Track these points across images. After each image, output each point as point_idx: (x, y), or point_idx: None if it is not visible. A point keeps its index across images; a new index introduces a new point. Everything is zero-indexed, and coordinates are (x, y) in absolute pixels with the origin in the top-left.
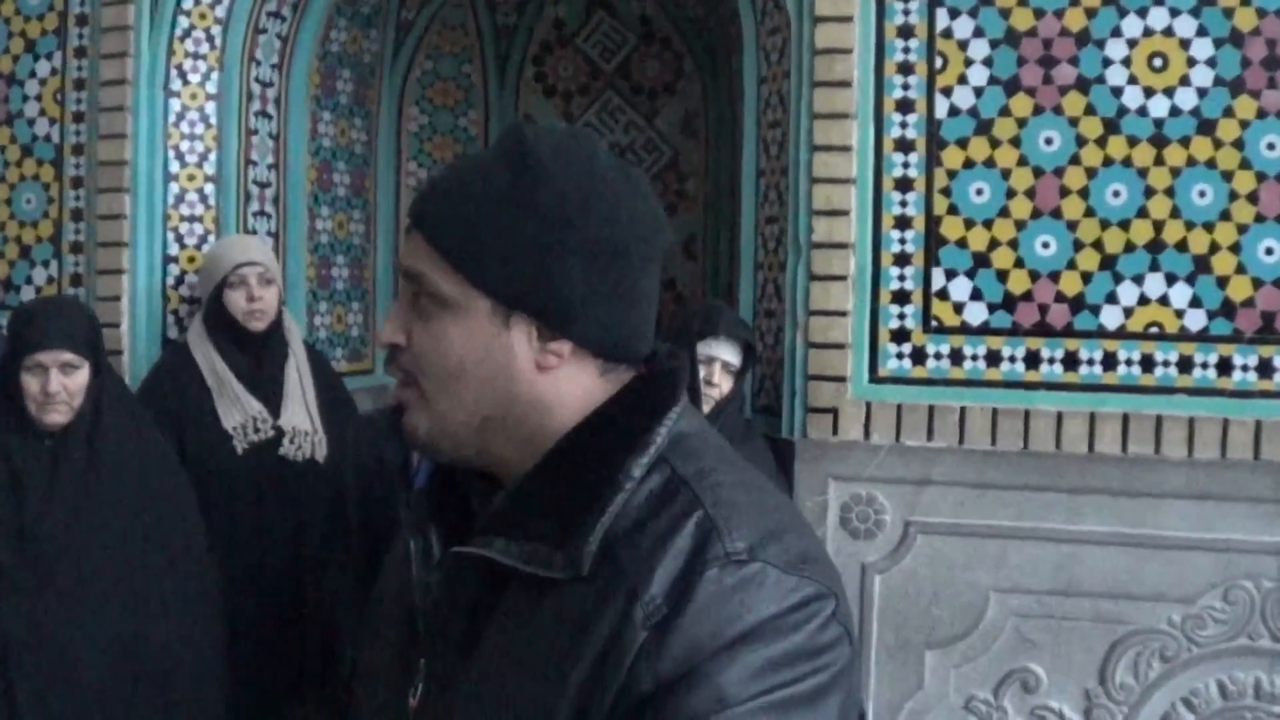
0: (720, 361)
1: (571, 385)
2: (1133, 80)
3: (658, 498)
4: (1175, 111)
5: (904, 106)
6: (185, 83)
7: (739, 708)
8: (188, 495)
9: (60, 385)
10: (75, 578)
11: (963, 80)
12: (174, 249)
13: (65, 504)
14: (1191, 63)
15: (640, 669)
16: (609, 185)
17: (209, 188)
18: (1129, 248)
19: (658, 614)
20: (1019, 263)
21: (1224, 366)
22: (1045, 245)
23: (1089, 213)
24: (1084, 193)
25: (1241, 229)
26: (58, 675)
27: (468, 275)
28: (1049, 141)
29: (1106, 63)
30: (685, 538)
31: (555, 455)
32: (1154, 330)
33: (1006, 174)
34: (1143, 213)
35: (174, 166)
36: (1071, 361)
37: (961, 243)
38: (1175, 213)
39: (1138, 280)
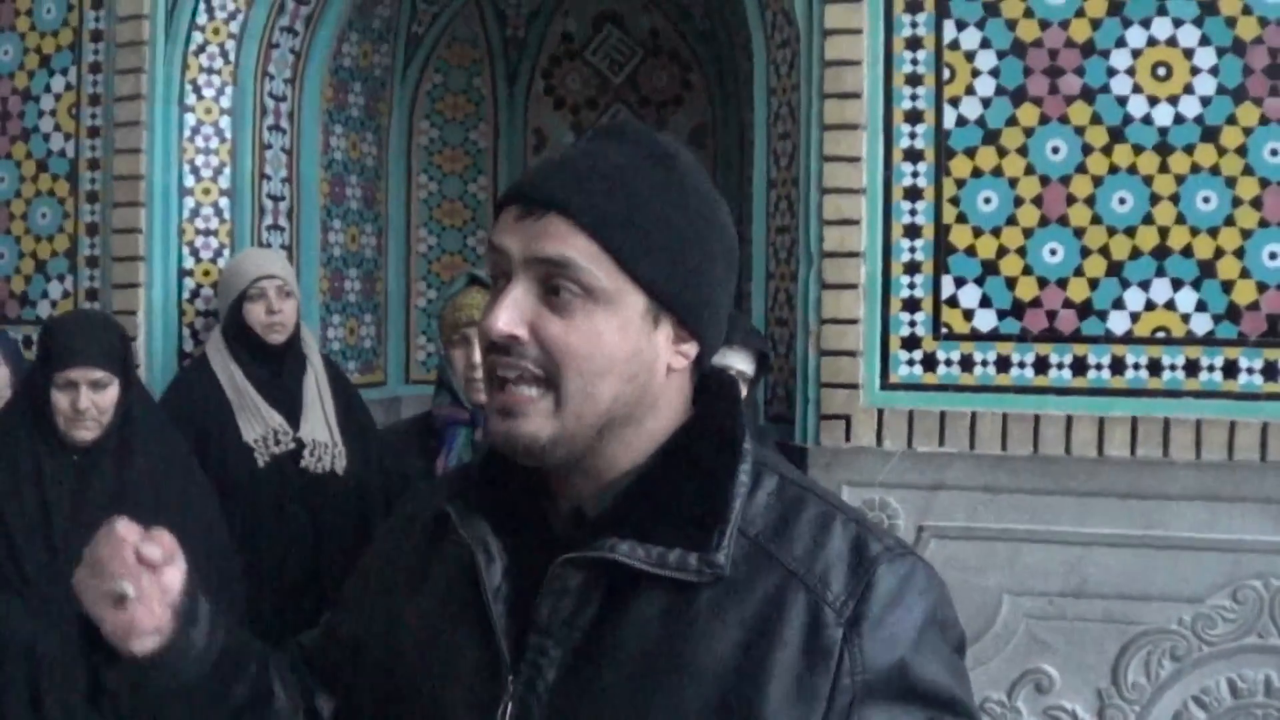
0: (734, 370)
1: (678, 388)
2: (1137, 89)
3: (781, 501)
4: (1179, 119)
5: (913, 117)
6: (200, 97)
7: (963, 702)
8: (214, 510)
9: (90, 402)
10: None
11: (970, 91)
12: (189, 263)
13: (93, 520)
14: (1195, 71)
15: (845, 664)
16: (718, 194)
17: (224, 202)
18: (1135, 254)
19: (847, 610)
20: (1027, 270)
21: (1230, 369)
22: (1053, 252)
23: (1095, 220)
24: (1090, 200)
25: (1246, 234)
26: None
27: (629, 269)
28: (1055, 150)
29: (1111, 72)
30: (839, 538)
31: (666, 458)
32: (1161, 335)
33: (1014, 183)
34: (1148, 219)
35: (189, 181)
36: (1080, 366)
37: (970, 250)
38: (1180, 219)
39: (1144, 286)
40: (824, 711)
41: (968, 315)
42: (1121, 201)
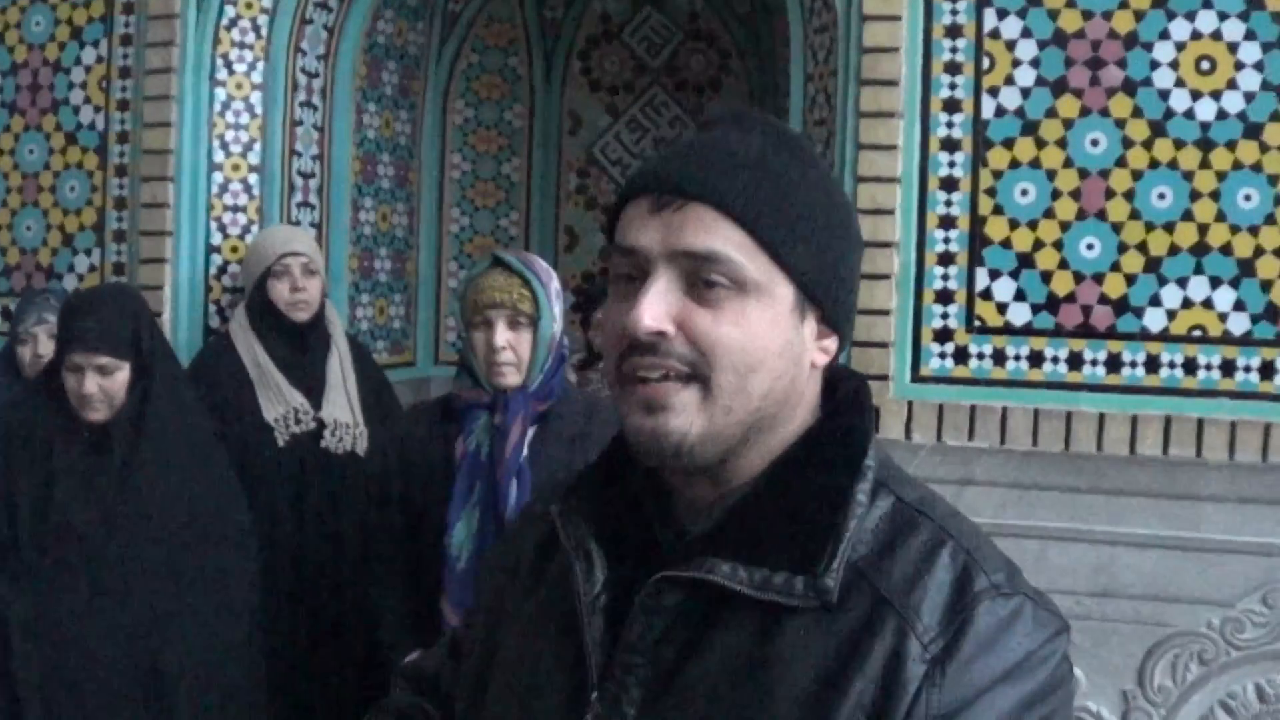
0: None
1: (813, 386)
2: (1180, 83)
3: (893, 524)
4: (1222, 115)
5: (951, 106)
6: (231, 72)
7: None
8: (233, 497)
9: (96, 387)
10: (95, 573)
11: (1010, 81)
12: (217, 238)
13: (97, 498)
14: (1239, 66)
15: (921, 702)
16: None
17: (253, 178)
18: (1173, 250)
19: (935, 646)
20: (1063, 264)
21: (1267, 370)
22: (1089, 247)
23: (1134, 215)
24: (1129, 195)
25: None
26: (63, 668)
27: (779, 259)
28: (1095, 143)
29: (1154, 65)
30: (944, 569)
31: (779, 473)
32: (1197, 333)
33: (1052, 175)
34: (1188, 215)
35: (218, 156)
36: (1114, 363)
37: (1006, 243)
38: (1220, 216)
39: (1181, 283)
40: None
41: (1001, 309)
42: (1161, 197)
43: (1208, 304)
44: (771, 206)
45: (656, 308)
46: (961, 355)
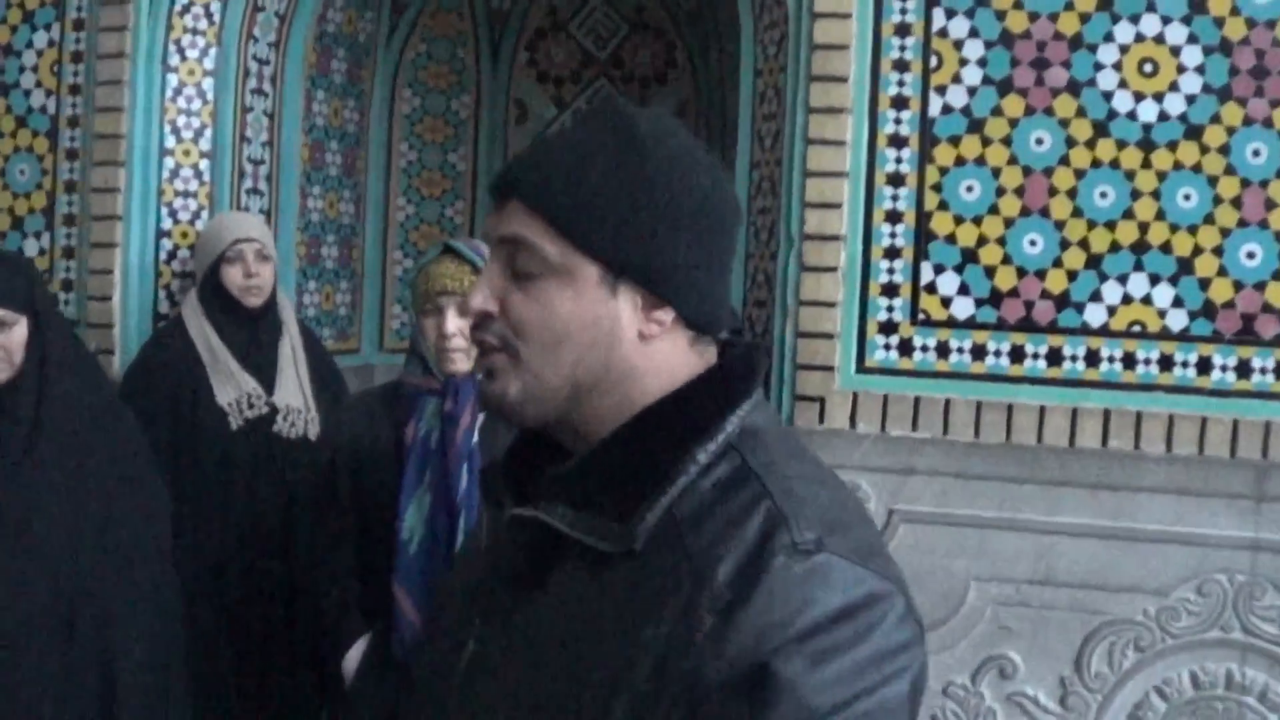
0: None
1: (665, 356)
2: (1123, 85)
3: (726, 486)
4: (1164, 116)
5: (899, 103)
6: (183, 58)
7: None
8: (145, 459)
9: None
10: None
11: (957, 79)
12: (167, 224)
13: (10, 457)
14: (1181, 69)
15: (705, 655)
16: (701, 160)
17: (204, 164)
18: (1114, 248)
19: (721, 600)
20: (1006, 259)
21: (1203, 366)
22: (1033, 243)
23: (1076, 213)
24: (1072, 193)
25: (1224, 233)
26: None
27: (577, 242)
28: (1039, 142)
29: (1098, 67)
30: (753, 527)
31: (627, 430)
32: (1136, 329)
33: (997, 172)
34: (1129, 214)
35: (169, 141)
36: (1055, 357)
37: (951, 238)
38: (1160, 215)
39: (1122, 280)
40: (670, 705)
41: (945, 302)
42: (1103, 195)
43: (1147, 300)
44: (568, 194)
45: (483, 290)
46: (906, 348)
